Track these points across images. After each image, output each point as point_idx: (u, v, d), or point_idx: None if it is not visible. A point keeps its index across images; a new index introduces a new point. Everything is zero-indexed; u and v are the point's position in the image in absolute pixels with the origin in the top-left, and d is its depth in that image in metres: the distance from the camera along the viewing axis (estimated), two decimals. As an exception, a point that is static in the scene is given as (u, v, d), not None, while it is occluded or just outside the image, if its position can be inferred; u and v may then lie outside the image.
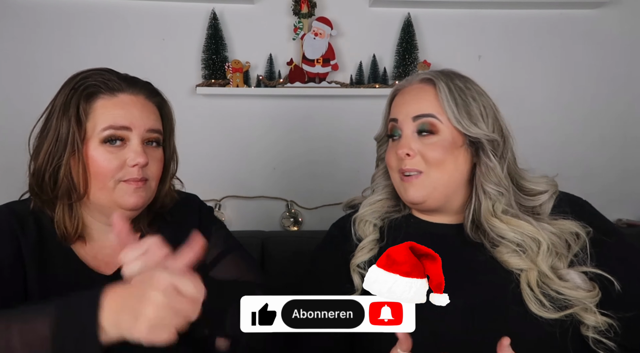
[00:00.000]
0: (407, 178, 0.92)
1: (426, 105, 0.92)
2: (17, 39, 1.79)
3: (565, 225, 0.89)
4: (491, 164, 0.91)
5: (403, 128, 0.94)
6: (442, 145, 0.91)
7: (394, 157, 0.94)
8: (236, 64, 1.81)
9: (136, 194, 0.87)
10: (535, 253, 0.86)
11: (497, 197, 0.91)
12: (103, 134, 0.85)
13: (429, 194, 0.92)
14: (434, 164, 0.91)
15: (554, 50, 1.96)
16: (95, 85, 0.87)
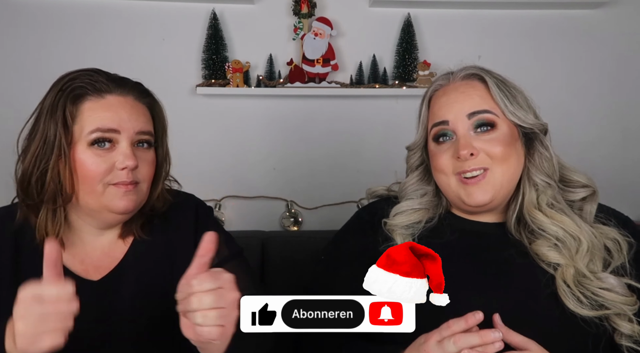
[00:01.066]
0: (470, 181, 0.88)
1: (479, 100, 0.90)
2: (16, 39, 1.79)
3: (605, 230, 0.88)
4: (547, 154, 0.91)
5: (457, 128, 0.89)
6: (503, 140, 0.88)
7: (449, 161, 0.90)
8: (236, 64, 1.81)
9: (126, 198, 0.84)
10: (574, 251, 0.85)
11: (544, 188, 0.90)
12: (90, 137, 0.83)
13: (496, 193, 0.88)
14: (499, 160, 0.87)
15: (554, 50, 1.95)
16: (83, 86, 0.84)
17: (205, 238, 0.69)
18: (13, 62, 1.80)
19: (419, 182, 1.00)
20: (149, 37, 1.85)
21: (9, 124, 1.74)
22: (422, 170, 1.00)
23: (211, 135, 1.90)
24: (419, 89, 1.85)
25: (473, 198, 0.88)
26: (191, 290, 0.65)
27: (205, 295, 0.64)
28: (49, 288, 0.64)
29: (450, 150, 0.90)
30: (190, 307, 0.65)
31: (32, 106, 0.90)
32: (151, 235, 0.93)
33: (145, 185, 0.88)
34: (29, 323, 0.63)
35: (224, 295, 0.65)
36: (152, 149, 0.90)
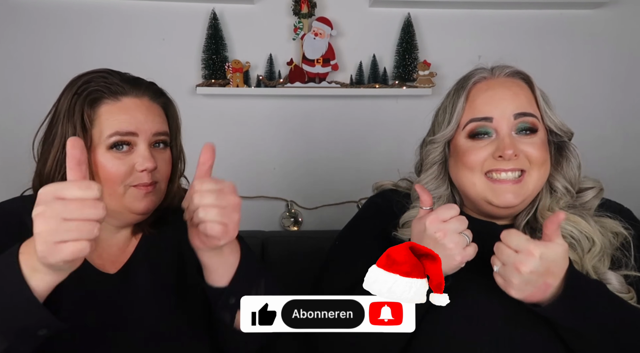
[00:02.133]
0: (502, 181, 0.85)
1: (526, 102, 0.88)
2: (17, 39, 1.79)
3: (609, 223, 0.88)
4: (575, 160, 0.91)
5: (500, 127, 0.86)
6: (542, 145, 0.87)
7: (484, 158, 0.86)
8: (236, 64, 1.81)
9: (146, 199, 0.87)
10: (586, 251, 0.84)
11: (563, 194, 0.90)
12: (109, 141, 0.84)
13: (527, 197, 0.87)
14: (537, 164, 0.86)
15: (554, 50, 1.95)
16: (98, 90, 0.85)
17: (204, 147, 0.75)
18: (12, 62, 1.79)
19: (435, 180, 0.95)
20: (149, 37, 1.85)
21: (8, 123, 1.75)
22: (439, 167, 0.96)
23: (211, 135, 1.89)
24: (419, 89, 1.85)
25: (503, 199, 0.86)
26: (193, 190, 0.71)
27: (207, 193, 0.70)
28: (73, 188, 0.60)
29: (489, 147, 0.86)
30: (193, 205, 0.70)
31: (32, 106, 0.90)
32: (160, 229, 0.96)
33: (163, 184, 0.91)
34: (50, 224, 0.58)
35: (224, 196, 0.71)
36: (167, 149, 0.92)
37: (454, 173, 0.93)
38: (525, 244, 0.71)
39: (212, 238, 0.72)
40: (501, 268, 0.73)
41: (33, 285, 0.63)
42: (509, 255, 0.71)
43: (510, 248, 0.72)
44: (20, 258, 0.64)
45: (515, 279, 0.71)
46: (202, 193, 0.70)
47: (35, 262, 0.62)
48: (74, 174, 0.64)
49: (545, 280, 0.71)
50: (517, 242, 0.71)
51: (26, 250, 0.64)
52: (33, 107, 0.90)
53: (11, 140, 1.71)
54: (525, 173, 0.86)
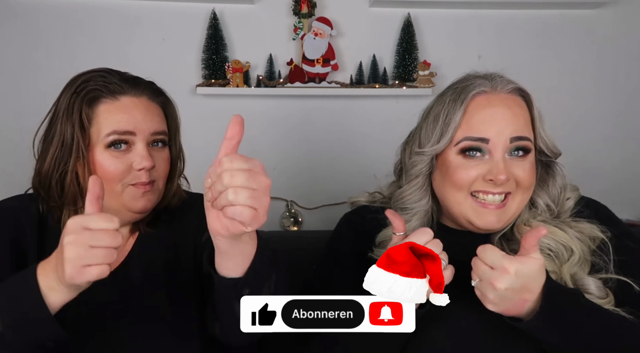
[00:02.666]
0: (487, 205, 0.84)
1: (523, 124, 0.84)
2: (15, 39, 1.79)
3: (587, 228, 0.86)
4: (560, 181, 0.89)
5: (495, 149, 0.83)
6: (532, 168, 0.86)
7: (472, 178, 0.84)
8: (236, 64, 1.81)
9: (144, 198, 0.87)
10: (565, 260, 0.83)
11: (543, 210, 0.88)
12: (107, 140, 0.85)
13: (509, 221, 0.86)
14: (524, 187, 0.84)
15: (554, 50, 1.95)
16: (97, 89, 0.86)
17: (233, 120, 0.67)
18: (12, 61, 1.79)
19: (418, 191, 0.92)
20: (149, 37, 1.84)
21: (8, 123, 1.75)
22: (424, 178, 0.92)
23: (211, 135, 1.88)
24: (419, 89, 1.85)
25: (485, 222, 0.84)
26: (221, 168, 0.61)
27: (238, 172, 0.60)
28: (98, 219, 0.67)
29: (480, 168, 0.83)
30: (221, 186, 0.60)
31: (31, 105, 0.91)
32: (156, 229, 0.96)
33: (161, 183, 0.91)
34: (79, 250, 0.65)
35: (256, 177, 0.61)
36: (166, 148, 0.92)
37: (439, 187, 0.90)
38: (500, 261, 0.70)
39: (239, 223, 0.63)
40: (478, 283, 0.73)
41: (49, 302, 0.69)
42: (484, 271, 0.72)
43: (486, 265, 0.72)
44: (39, 279, 0.69)
45: (490, 295, 0.72)
46: (232, 173, 0.60)
47: (52, 281, 0.69)
48: (92, 207, 0.69)
49: (522, 296, 0.71)
50: (492, 259, 0.71)
51: (43, 271, 0.70)
52: (32, 107, 0.90)
53: (10, 140, 1.71)
54: (509, 196, 0.84)
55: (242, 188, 0.60)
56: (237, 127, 0.67)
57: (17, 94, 1.78)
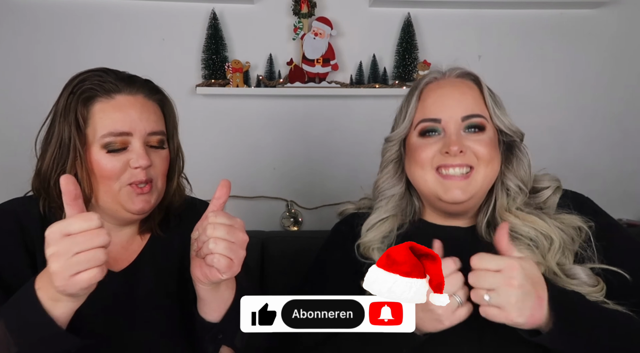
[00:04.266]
0: (451, 178, 0.88)
1: (472, 103, 0.91)
2: (17, 39, 1.79)
3: (568, 219, 0.89)
4: (525, 159, 0.93)
5: (448, 127, 0.90)
6: (490, 143, 0.90)
7: (433, 154, 0.90)
8: (236, 64, 1.81)
9: (140, 199, 0.87)
10: (547, 249, 0.86)
11: (516, 194, 0.92)
12: (103, 141, 0.84)
13: (475, 194, 0.89)
14: (485, 161, 0.89)
15: (554, 50, 1.95)
16: (92, 88, 0.85)
17: (221, 184, 0.78)
18: (12, 61, 1.79)
19: (392, 178, 0.99)
20: (149, 37, 1.85)
21: (9, 122, 1.75)
22: (395, 165, 1.00)
23: (211, 135, 1.90)
24: (419, 88, 1.85)
25: (451, 195, 0.88)
26: (207, 222, 0.73)
27: (220, 226, 0.72)
28: (75, 222, 0.65)
29: (437, 144, 0.90)
30: (205, 236, 0.72)
31: (31, 105, 0.91)
32: (167, 233, 0.97)
33: (160, 182, 0.90)
34: (63, 260, 0.63)
35: (235, 232, 0.73)
36: (165, 148, 0.92)
37: (409, 170, 0.96)
38: (503, 260, 0.70)
39: (216, 271, 0.73)
40: (492, 296, 0.69)
41: (57, 315, 0.68)
42: (494, 278, 0.69)
43: (490, 271, 0.70)
44: (38, 294, 0.68)
45: (512, 298, 0.68)
46: (215, 226, 0.72)
47: (53, 293, 0.67)
48: (71, 209, 0.68)
49: (537, 292, 0.71)
50: (495, 262, 0.70)
51: (41, 284, 0.68)
52: (32, 108, 0.90)
53: (10, 140, 1.71)
54: (473, 170, 0.89)
55: (221, 239, 0.72)
56: (224, 189, 0.79)
57: (17, 94, 1.78)
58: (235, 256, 0.73)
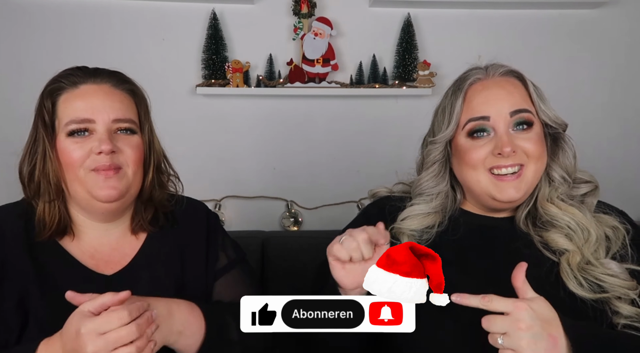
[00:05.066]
0: (504, 178, 0.89)
1: (520, 99, 0.91)
2: (15, 39, 1.79)
3: (604, 218, 0.91)
4: (570, 151, 0.94)
5: (497, 125, 0.90)
6: (538, 139, 0.91)
7: (484, 156, 0.90)
8: (236, 64, 1.81)
9: (107, 185, 0.85)
10: (583, 241, 0.87)
11: (560, 184, 0.93)
12: (67, 129, 0.85)
13: (527, 190, 0.91)
14: (534, 157, 0.89)
15: (554, 50, 1.95)
16: (58, 80, 0.88)
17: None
18: (12, 61, 1.79)
19: (435, 178, 0.98)
20: (149, 37, 1.85)
21: (6, 123, 1.75)
22: (440, 165, 0.98)
23: (211, 135, 1.90)
24: (419, 88, 1.85)
25: (506, 195, 0.89)
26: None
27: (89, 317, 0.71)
28: (107, 322, 0.69)
29: (488, 145, 0.90)
30: None
31: (29, 106, 0.91)
32: (163, 237, 0.95)
33: (130, 170, 0.88)
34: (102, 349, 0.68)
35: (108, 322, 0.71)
36: (135, 135, 0.90)
37: (459, 171, 0.96)
38: (510, 302, 0.71)
39: None
40: (505, 339, 0.70)
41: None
42: (503, 321, 0.70)
43: (499, 314, 0.71)
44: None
45: (523, 341, 0.69)
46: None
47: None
48: (95, 308, 0.71)
49: (549, 331, 0.71)
50: (504, 304, 0.71)
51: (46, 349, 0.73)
52: (30, 109, 0.90)
53: (6, 141, 1.70)
54: (523, 167, 0.89)
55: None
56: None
57: (16, 94, 1.78)
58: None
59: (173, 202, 0.97)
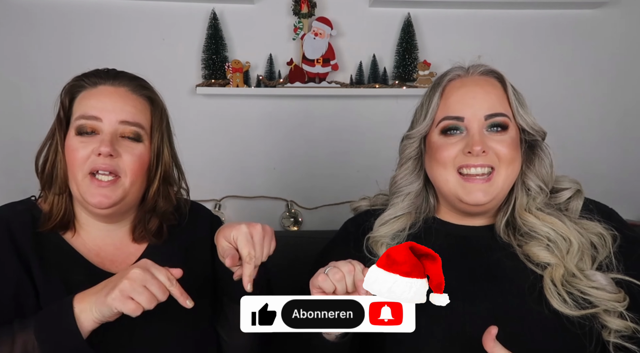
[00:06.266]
0: (471, 179, 0.87)
1: (496, 101, 0.89)
2: (16, 40, 1.79)
3: (589, 225, 0.88)
4: (547, 159, 0.92)
5: (471, 125, 0.88)
6: (512, 143, 0.89)
7: (455, 154, 0.88)
8: (236, 64, 1.81)
9: (99, 192, 0.84)
10: (565, 251, 0.85)
11: (537, 193, 0.91)
12: (76, 124, 0.86)
13: (496, 195, 0.88)
14: (506, 161, 0.87)
15: (554, 50, 1.95)
16: (81, 79, 0.89)
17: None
18: (13, 61, 1.79)
19: (410, 175, 0.97)
20: (149, 37, 1.84)
21: (10, 122, 1.75)
22: (414, 162, 0.97)
23: (211, 135, 1.90)
24: (419, 88, 1.85)
25: (473, 197, 0.87)
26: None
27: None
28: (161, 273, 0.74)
29: (460, 144, 0.88)
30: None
31: (32, 104, 0.91)
32: (166, 242, 0.95)
33: (128, 180, 0.87)
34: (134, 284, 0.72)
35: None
36: (141, 143, 0.89)
37: (429, 169, 0.94)
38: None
39: None
40: None
41: (81, 325, 0.74)
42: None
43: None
44: (74, 303, 0.75)
45: None
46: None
47: (86, 304, 0.74)
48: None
49: None
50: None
51: (81, 296, 0.76)
52: (32, 107, 0.91)
53: (10, 139, 1.71)
54: (494, 171, 0.88)
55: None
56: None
57: (17, 95, 1.78)
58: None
59: (177, 216, 0.97)
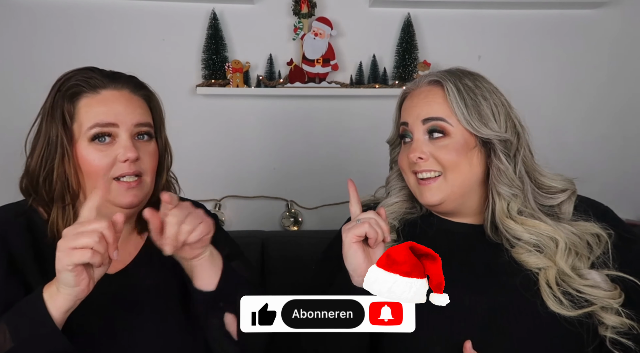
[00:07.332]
0: (422, 182, 0.92)
1: (435, 107, 0.92)
2: (16, 39, 1.79)
3: (585, 226, 0.89)
4: (502, 166, 0.90)
5: (413, 131, 0.93)
6: (454, 148, 0.90)
7: (406, 160, 0.94)
8: (236, 64, 1.81)
9: (130, 193, 0.86)
10: (554, 252, 0.86)
11: (511, 198, 0.91)
12: (90, 133, 0.84)
13: (447, 196, 0.91)
14: (448, 166, 0.90)
15: (554, 50, 1.95)
16: (78, 84, 0.86)
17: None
18: (12, 61, 1.79)
19: (399, 176, 1.02)
20: (149, 37, 1.84)
21: (9, 123, 1.75)
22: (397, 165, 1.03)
23: (211, 135, 1.90)
24: (419, 89, 1.85)
25: (424, 198, 0.93)
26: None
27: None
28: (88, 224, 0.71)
29: (408, 150, 0.94)
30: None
31: (31, 105, 0.91)
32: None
33: (149, 178, 0.90)
34: (67, 238, 0.70)
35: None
36: (152, 141, 0.91)
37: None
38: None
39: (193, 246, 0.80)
40: None
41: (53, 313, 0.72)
42: None
43: None
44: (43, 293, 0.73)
45: None
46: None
47: (53, 288, 0.72)
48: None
49: None
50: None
51: (48, 285, 0.74)
52: (32, 109, 0.91)
53: (7, 140, 1.71)
54: (440, 175, 0.91)
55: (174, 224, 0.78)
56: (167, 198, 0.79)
57: (15, 95, 1.78)
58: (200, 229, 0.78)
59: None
